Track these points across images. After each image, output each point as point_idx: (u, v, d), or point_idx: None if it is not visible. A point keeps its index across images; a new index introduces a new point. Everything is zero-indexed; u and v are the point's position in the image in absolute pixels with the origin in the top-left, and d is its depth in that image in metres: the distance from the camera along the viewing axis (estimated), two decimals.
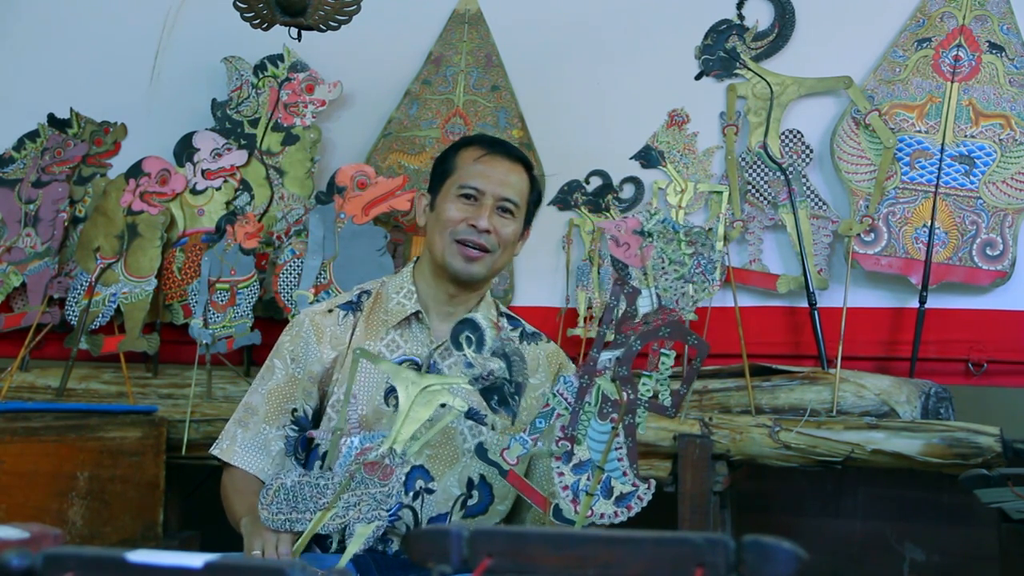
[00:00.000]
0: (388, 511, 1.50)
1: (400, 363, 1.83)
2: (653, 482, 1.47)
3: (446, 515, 1.79)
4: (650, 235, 1.66)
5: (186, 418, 2.41)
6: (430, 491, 1.78)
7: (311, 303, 2.42)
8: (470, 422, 1.82)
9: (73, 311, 2.72)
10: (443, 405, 1.53)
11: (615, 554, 0.72)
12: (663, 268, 1.62)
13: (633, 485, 1.44)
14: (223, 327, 2.55)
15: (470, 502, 1.79)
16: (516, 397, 1.85)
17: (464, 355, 1.83)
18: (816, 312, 2.44)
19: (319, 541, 1.81)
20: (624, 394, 1.44)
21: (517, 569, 0.74)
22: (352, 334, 1.86)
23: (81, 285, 2.73)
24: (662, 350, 1.49)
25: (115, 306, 2.69)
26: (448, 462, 1.79)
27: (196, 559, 0.73)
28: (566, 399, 1.51)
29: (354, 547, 1.48)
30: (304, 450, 1.82)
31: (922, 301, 2.41)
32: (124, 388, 2.59)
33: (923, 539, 2.51)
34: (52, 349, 2.80)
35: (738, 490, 2.39)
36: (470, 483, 1.79)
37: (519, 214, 1.89)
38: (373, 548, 1.79)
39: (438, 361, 1.85)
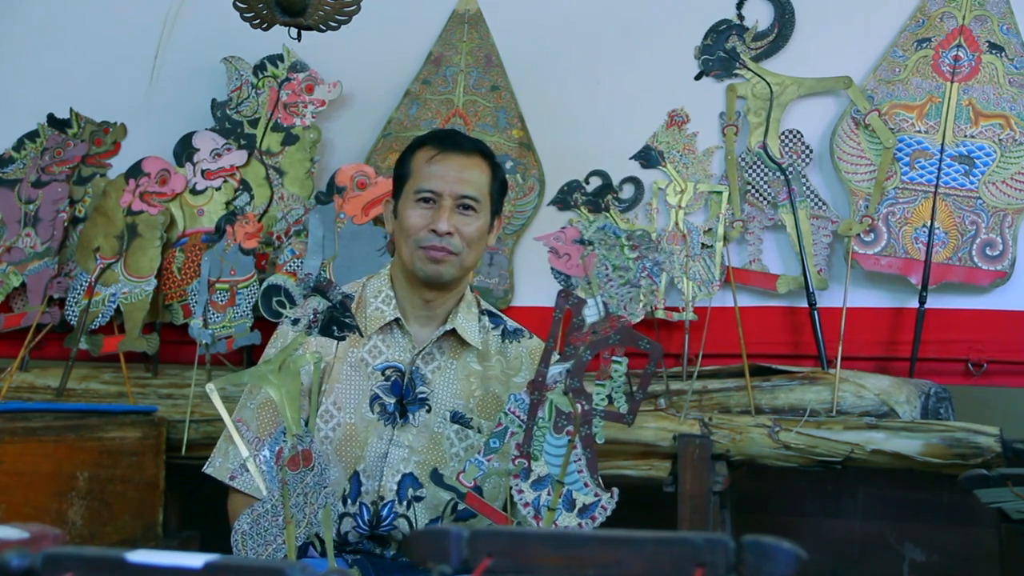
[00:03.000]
0: (328, 486, 1.53)
1: (383, 370, 1.82)
2: (616, 490, 1.46)
3: (438, 520, 1.79)
4: (591, 243, 1.65)
5: (186, 418, 2.41)
6: (419, 499, 1.77)
7: None
8: (456, 426, 1.81)
9: (73, 311, 2.72)
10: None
11: (615, 554, 0.72)
12: (607, 276, 1.61)
13: (595, 495, 1.44)
14: (223, 327, 2.55)
15: (460, 506, 1.77)
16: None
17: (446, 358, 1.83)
18: (816, 312, 2.44)
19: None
20: (578, 406, 1.44)
21: (517, 569, 0.74)
22: (338, 342, 1.82)
23: (81, 285, 2.73)
24: (613, 357, 1.49)
25: (115, 306, 2.69)
26: (436, 468, 1.76)
27: (196, 559, 0.73)
28: (518, 416, 1.50)
29: (328, 534, 1.51)
30: None
31: (922, 301, 2.41)
32: (124, 388, 2.59)
33: (923, 539, 2.51)
34: (52, 349, 2.80)
35: (738, 490, 2.39)
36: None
37: (481, 208, 1.84)
38: (371, 552, 1.79)
39: (421, 366, 1.83)
